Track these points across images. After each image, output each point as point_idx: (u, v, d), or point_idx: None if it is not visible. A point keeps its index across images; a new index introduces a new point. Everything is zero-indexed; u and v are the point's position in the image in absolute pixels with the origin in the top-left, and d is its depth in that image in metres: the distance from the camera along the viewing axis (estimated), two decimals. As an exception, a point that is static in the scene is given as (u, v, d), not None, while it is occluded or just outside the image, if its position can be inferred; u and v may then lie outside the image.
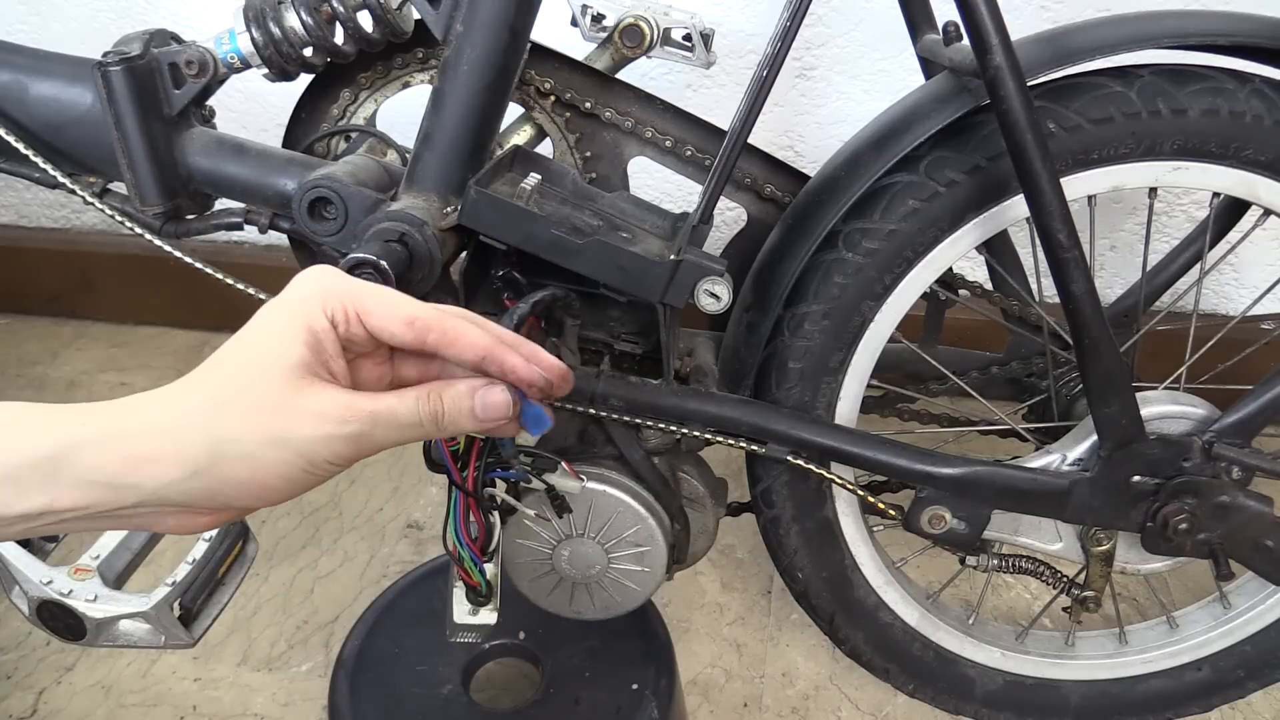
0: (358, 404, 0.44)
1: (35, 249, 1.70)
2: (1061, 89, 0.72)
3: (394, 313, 0.46)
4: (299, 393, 0.43)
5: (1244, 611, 0.91)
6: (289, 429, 0.42)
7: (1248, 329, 0.97)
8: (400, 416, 0.45)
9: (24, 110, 0.74)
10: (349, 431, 0.44)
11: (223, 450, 0.42)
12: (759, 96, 0.67)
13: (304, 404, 0.43)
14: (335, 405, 0.43)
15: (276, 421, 0.42)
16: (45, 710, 1.03)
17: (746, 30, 1.31)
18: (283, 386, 0.43)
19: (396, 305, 0.46)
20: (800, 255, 0.77)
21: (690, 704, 1.03)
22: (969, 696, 0.96)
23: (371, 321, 0.46)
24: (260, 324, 0.45)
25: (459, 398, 0.47)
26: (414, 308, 0.46)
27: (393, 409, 0.45)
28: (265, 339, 0.44)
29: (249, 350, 0.44)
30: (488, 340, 0.47)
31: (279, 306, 0.45)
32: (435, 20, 0.71)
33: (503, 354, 0.48)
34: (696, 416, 0.78)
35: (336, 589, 1.18)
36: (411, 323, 0.46)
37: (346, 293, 0.45)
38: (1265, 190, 0.75)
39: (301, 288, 0.46)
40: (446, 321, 0.46)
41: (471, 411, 0.47)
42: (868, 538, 0.89)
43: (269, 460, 0.43)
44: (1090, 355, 0.73)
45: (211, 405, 0.42)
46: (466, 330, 0.47)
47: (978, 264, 1.32)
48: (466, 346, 0.47)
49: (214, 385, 0.43)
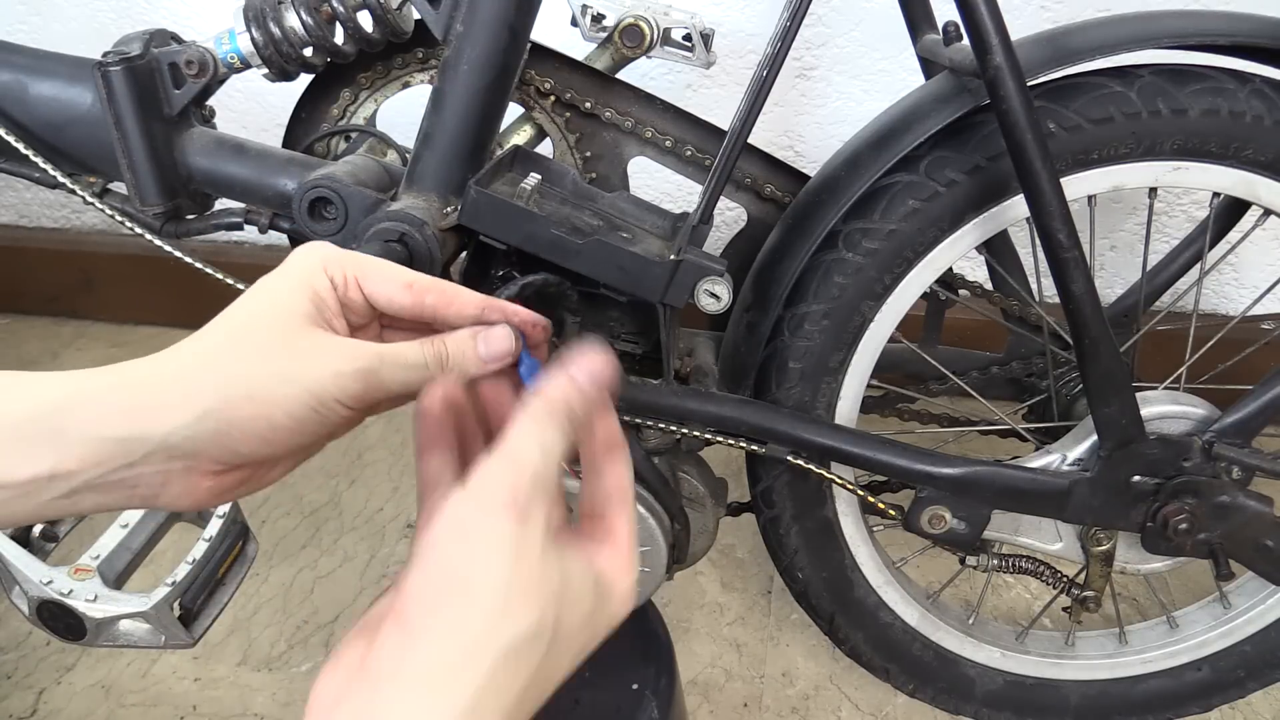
0: (363, 348, 0.44)
1: (35, 249, 1.70)
2: (1061, 89, 0.72)
3: (392, 277, 0.46)
4: (305, 334, 0.43)
5: (1244, 611, 0.91)
6: (296, 365, 0.42)
7: (1248, 329, 0.97)
8: (406, 356, 0.45)
9: (24, 110, 0.74)
10: (356, 368, 0.43)
11: (230, 388, 0.41)
12: (759, 96, 0.67)
13: (311, 343, 0.43)
14: (341, 344, 0.44)
15: (283, 356, 0.42)
16: (45, 710, 1.03)
17: (746, 30, 1.31)
18: (289, 329, 0.43)
19: (394, 271, 0.47)
20: (800, 255, 0.77)
21: (690, 704, 1.03)
22: (969, 696, 0.96)
23: (369, 286, 0.46)
24: (263, 285, 0.45)
25: (462, 339, 0.47)
26: (411, 273, 0.47)
27: (398, 349, 0.45)
28: (270, 294, 0.45)
29: (254, 302, 0.44)
30: (477, 301, 0.48)
31: (280, 272, 0.46)
32: (435, 20, 0.71)
33: (501, 303, 0.48)
34: (696, 416, 0.78)
35: (336, 589, 1.18)
36: (410, 285, 0.46)
37: (345, 258, 0.46)
38: (1265, 190, 0.75)
39: (301, 256, 0.46)
40: (443, 283, 0.47)
41: (475, 351, 0.47)
42: (868, 538, 0.89)
43: (277, 396, 0.42)
44: (1090, 355, 0.73)
45: (218, 348, 0.43)
46: (463, 290, 0.48)
47: (978, 264, 1.32)
48: (466, 302, 0.47)
49: (220, 333, 0.43)
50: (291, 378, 0.42)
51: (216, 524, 0.74)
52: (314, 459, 0.49)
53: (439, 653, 0.35)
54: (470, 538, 0.36)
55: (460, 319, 0.48)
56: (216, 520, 0.75)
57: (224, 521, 0.75)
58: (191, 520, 0.78)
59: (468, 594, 0.35)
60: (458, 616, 0.35)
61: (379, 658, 0.35)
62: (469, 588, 0.36)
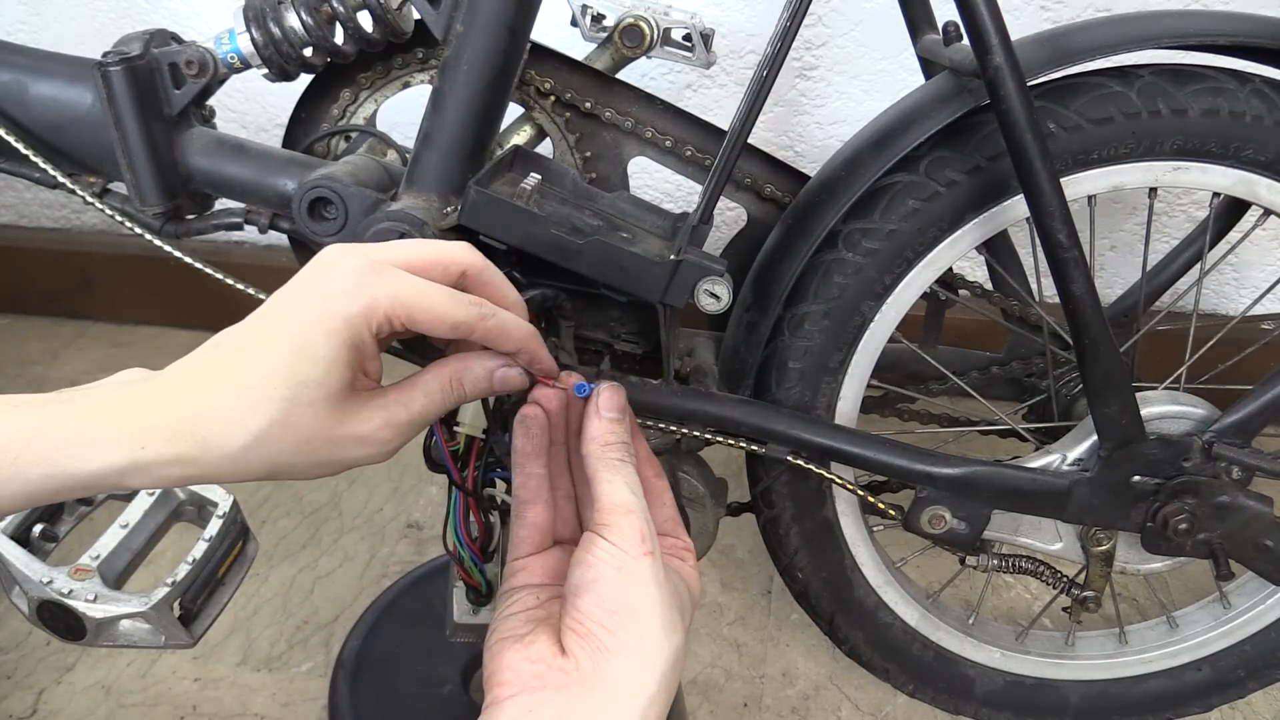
0: (395, 418, 0.48)
1: (35, 249, 1.70)
2: (1061, 89, 0.72)
3: (442, 317, 0.47)
4: (342, 421, 0.47)
5: (1244, 611, 0.91)
6: (335, 454, 0.47)
7: (1248, 329, 0.97)
8: (430, 414, 0.50)
9: (24, 110, 0.74)
10: (388, 449, 0.49)
11: (275, 470, 0.47)
12: (759, 96, 0.67)
13: (348, 431, 0.47)
14: (374, 427, 0.48)
15: (324, 450, 0.47)
16: (45, 710, 1.03)
17: (746, 30, 1.31)
18: (328, 418, 0.46)
19: (442, 314, 0.47)
20: (800, 255, 0.77)
21: (690, 704, 1.03)
22: (969, 696, 0.96)
23: (420, 329, 0.48)
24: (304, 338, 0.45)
25: (478, 381, 0.52)
26: (456, 312, 0.48)
27: (425, 411, 0.50)
28: (310, 361, 0.45)
29: (294, 373, 0.45)
30: (524, 334, 0.51)
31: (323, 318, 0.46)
32: (435, 20, 0.71)
33: (536, 347, 0.52)
34: (696, 416, 0.78)
35: (336, 589, 1.18)
36: (457, 327, 0.48)
37: (394, 305, 0.46)
38: (1265, 190, 0.75)
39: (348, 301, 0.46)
40: (489, 323, 0.49)
41: (490, 389, 0.53)
42: (868, 538, 0.89)
43: (314, 471, 0.48)
44: (1090, 355, 0.73)
45: (265, 437, 0.45)
46: (506, 328, 0.50)
47: (978, 264, 1.32)
48: (505, 343, 0.51)
49: (265, 416, 0.45)
50: (329, 464, 0.48)
51: (216, 524, 0.74)
52: (314, 459, 0.51)
53: (627, 666, 0.46)
54: (629, 577, 0.47)
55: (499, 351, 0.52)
56: (216, 520, 0.75)
57: (224, 521, 0.74)
58: (191, 520, 0.78)
59: (639, 620, 0.46)
60: (637, 639, 0.46)
61: (577, 664, 0.45)
62: (638, 615, 0.47)
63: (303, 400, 0.45)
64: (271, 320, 0.47)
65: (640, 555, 0.47)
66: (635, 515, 0.48)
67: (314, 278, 0.47)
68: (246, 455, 0.45)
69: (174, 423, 0.45)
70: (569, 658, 0.46)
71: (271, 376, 0.45)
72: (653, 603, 0.47)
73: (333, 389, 0.46)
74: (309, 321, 0.46)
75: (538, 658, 0.47)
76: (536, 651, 0.47)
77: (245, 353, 0.46)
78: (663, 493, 0.57)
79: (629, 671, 0.46)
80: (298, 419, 0.45)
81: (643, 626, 0.46)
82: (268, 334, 0.46)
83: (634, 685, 0.45)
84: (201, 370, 0.47)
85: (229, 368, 0.46)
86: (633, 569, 0.47)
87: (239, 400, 0.45)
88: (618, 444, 0.52)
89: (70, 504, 0.75)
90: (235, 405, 0.45)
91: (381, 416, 0.48)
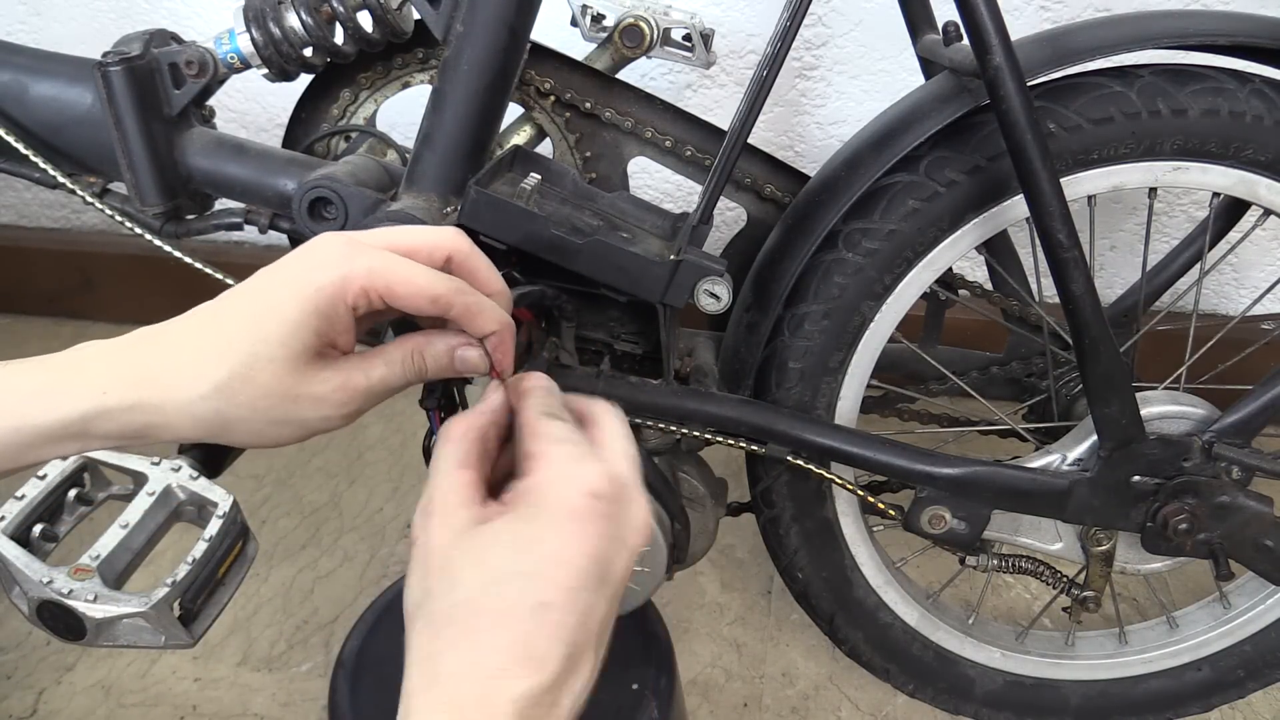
0: (354, 383, 0.48)
1: (35, 249, 1.70)
2: (1061, 89, 0.72)
3: (420, 289, 0.48)
4: (302, 379, 0.47)
5: (1244, 611, 0.91)
6: (291, 412, 0.47)
7: (1248, 329, 0.97)
8: (390, 383, 0.50)
9: (24, 110, 0.74)
10: (345, 412, 0.49)
11: (231, 425, 0.47)
12: (759, 96, 0.67)
13: (305, 390, 0.47)
14: (334, 389, 0.48)
15: (279, 407, 0.47)
16: (45, 710, 1.03)
17: (746, 30, 1.31)
18: (287, 377, 0.46)
19: (421, 286, 0.48)
20: (800, 255, 0.77)
21: (690, 704, 1.03)
22: (969, 696, 0.96)
23: (398, 302, 0.48)
24: (273, 300, 0.47)
25: (439, 356, 0.51)
26: (435, 285, 0.48)
27: (385, 380, 0.50)
28: (276, 321, 0.46)
29: (259, 329, 0.46)
30: (499, 319, 0.51)
31: (295, 283, 0.47)
32: (435, 20, 0.71)
33: (507, 339, 0.52)
34: (696, 416, 0.78)
35: (336, 589, 1.18)
36: (435, 300, 0.48)
37: (371, 277, 0.47)
38: (1265, 190, 0.75)
39: (323, 270, 0.47)
40: (468, 298, 0.49)
41: (451, 366, 0.52)
42: (868, 538, 0.89)
43: (271, 431, 0.48)
44: (1090, 355, 0.73)
45: (224, 389, 0.46)
46: (485, 305, 0.50)
47: (978, 264, 1.32)
48: (482, 323, 0.51)
49: (225, 368, 0.46)
50: (285, 421, 0.48)
51: (216, 524, 0.74)
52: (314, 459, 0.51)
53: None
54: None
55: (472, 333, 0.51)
56: (216, 520, 0.74)
57: (224, 521, 0.74)
58: (191, 520, 0.78)
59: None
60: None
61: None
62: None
63: (263, 356, 0.46)
64: (246, 288, 0.48)
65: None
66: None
67: (297, 254, 0.48)
68: (205, 404, 0.46)
69: (138, 370, 0.46)
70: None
71: (237, 332, 0.46)
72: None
73: (294, 350, 0.46)
74: (279, 286, 0.47)
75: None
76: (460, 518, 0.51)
77: (215, 313, 0.48)
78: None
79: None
80: (257, 374, 0.46)
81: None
82: (240, 298, 0.48)
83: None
84: (170, 328, 0.48)
85: (198, 325, 0.48)
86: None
87: (203, 352, 0.46)
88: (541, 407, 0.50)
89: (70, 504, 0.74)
90: (199, 356, 0.46)
91: (339, 379, 0.48)
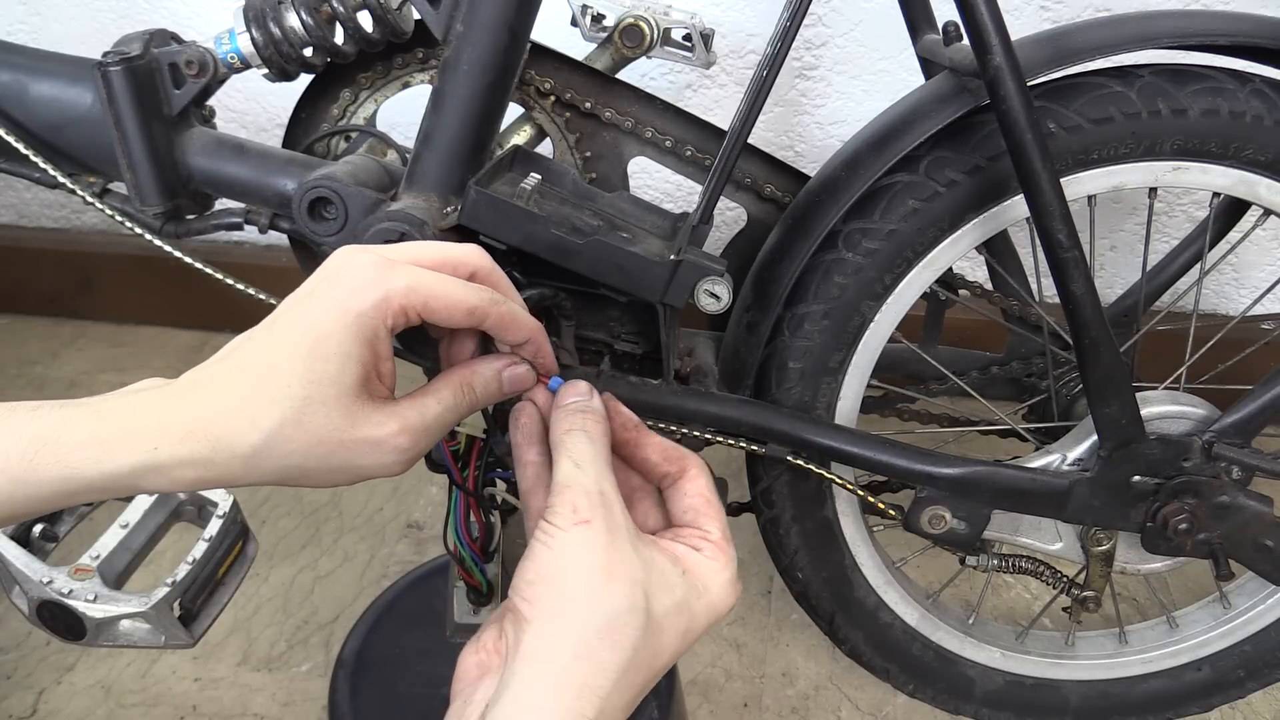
0: (409, 423, 0.48)
1: (35, 249, 1.70)
2: (1061, 89, 0.72)
3: (457, 303, 0.48)
4: (355, 424, 0.46)
5: (1244, 611, 0.91)
6: (349, 459, 0.47)
7: (1248, 329, 0.97)
8: (445, 421, 0.50)
9: (24, 110, 0.74)
10: (407, 457, 0.49)
11: (288, 472, 0.47)
12: (759, 96, 0.67)
13: (361, 435, 0.47)
14: (389, 432, 0.47)
15: (337, 454, 0.46)
16: (45, 710, 1.03)
17: (746, 30, 1.31)
18: (342, 419, 0.46)
19: (458, 299, 0.48)
20: (800, 255, 0.77)
21: (690, 704, 1.03)
22: (969, 697, 0.96)
23: (434, 317, 0.48)
24: (319, 334, 0.46)
25: (489, 383, 0.52)
26: (470, 297, 0.49)
27: (440, 418, 0.50)
28: (323, 358, 0.45)
29: (310, 370, 0.45)
30: (531, 327, 0.52)
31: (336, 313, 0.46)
32: (435, 20, 0.71)
33: (543, 340, 0.53)
34: (696, 416, 0.78)
35: (336, 589, 1.18)
36: (472, 312, 0.49)
37: (409, 295, 0.47)
38: (1265, 190, 0.75)
39: (362, 294, 0.46)
40: (502, 308, 0.50)
41: (499, 390, 0.53)
42: (868, 538, 0.89)
43: (328, 479, 0.48)
44: (1090, 355, 0.73)
45: (278, 436, 0.45)
46: (520, 316, 0.51)
47: (978, 264, 1.33)
48: (516, 331, 0.52)
49: (278, 414, 0.45)
50: (342, 470, 0.47)
51: (216, 524, 0.74)
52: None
53: (542, 634, 0.44)
54: (555, 548, 0.46)
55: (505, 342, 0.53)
56: (216, 520, 0.75)
57: (224, 521, 0.74)
58: (191, 520, 0.78)
59: (555, 587, 0.45)
60: (552, 606, 0.45)
61: (507, 644, 0.45)
62: (556, 583, 0.45)
63: (315, 399, 0.45)
64: (285, 322, 0.47)
65: (570, 526, 0.46)
66: (571, 489, 0.47)
67: (327, 278, 0.47)
68: (259, 456, 0.45)
69: (187, 424, 0.45)
70: (503, 639, 0.46)
71: (284, 375, 0.45)
72: (575, 570, 0.45)
73: (346, 386, 0.45)
74: (322, 319, 0.46)
75: (481, 647, 0.47)
76: (481, 641, 0.47)
77: (259, 355, 0.47)
78: (685, 482, 0.54)
79: (543, 640, 0.44)
80: (310, 418, 0.45)
81: (560, 593, 0.45)
82: (281, 335, 0.47)
83: (547, 654, 0.44)
84: (216, 374, 0.47)
85: (242, 370, 0.46)
86: (559, 539, 0.46)
87: (251, 400, 0.45)
88: (571, 430, 0.51)
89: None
90: (247, 405, 0.45)
91: (397, 422, 0.47)
